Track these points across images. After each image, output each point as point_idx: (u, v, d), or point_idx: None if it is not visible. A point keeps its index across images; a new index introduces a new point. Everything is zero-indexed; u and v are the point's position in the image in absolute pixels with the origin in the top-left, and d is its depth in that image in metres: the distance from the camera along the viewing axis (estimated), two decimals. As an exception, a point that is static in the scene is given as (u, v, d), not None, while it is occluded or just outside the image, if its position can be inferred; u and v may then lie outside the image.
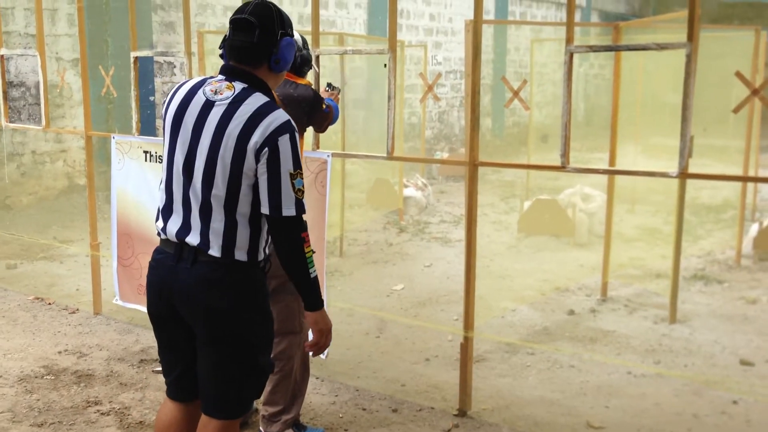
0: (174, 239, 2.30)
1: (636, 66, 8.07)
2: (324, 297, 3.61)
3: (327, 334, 2.37)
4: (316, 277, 2.28)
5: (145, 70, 8.79)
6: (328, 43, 9.82)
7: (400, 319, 4.93)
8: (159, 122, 9.48)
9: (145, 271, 4.41)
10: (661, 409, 3.66)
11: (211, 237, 2.24)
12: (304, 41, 3.26)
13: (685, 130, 3.08)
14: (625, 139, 7.08)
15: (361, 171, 9.90)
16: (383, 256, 6.69)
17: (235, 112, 2.19)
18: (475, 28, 3.47)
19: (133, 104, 4.55)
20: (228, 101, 2.22)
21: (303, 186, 2.22)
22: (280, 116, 2.20)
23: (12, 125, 5.63)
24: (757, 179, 5.62)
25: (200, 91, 2.27)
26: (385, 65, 3.58)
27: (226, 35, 2.32)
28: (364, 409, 3.64)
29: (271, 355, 2.47)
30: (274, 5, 2.30)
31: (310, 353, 2.44)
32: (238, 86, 2.25)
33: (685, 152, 3.12)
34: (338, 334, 4.57)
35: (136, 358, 4.17)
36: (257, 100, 2.22)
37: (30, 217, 7.80)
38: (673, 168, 3.14)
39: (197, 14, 9.60)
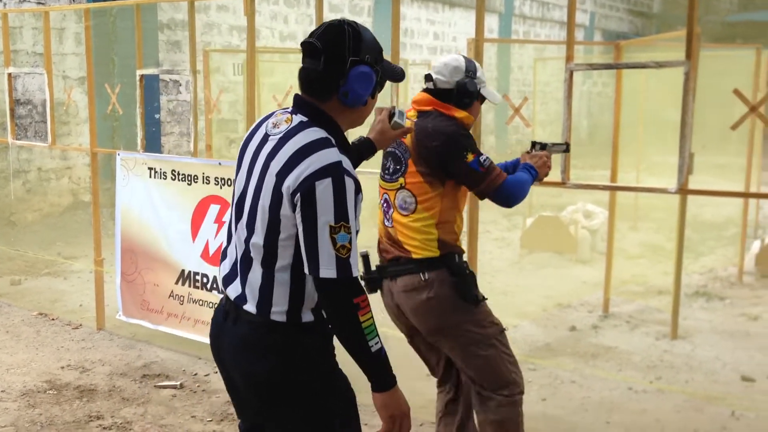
0: (223, 289, 2.07)
1: (638, 84, 8.12)
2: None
3: (402, 421, 1.94)
4: (380, 350, 1.89)
5: (151, 88, 8.89)
6: (332, 62, 9.92)
7: (401, 335, 4.93)
8: (164, 139, 9.56)
9: (149, 286, 4.48)
10: (661, 425, 3.66)
11: (248, 290, 1.97)
12: (471, 68, 2.74)
13: (684, 147, 3.11)
14: (628, 157, 7.11)
15: (364, 188, 9.93)
16: (386, 272, 6.70)
17: (280, 149, 1.90)
18: (476, 46, 3.51)
19: (138, 121, 4.61)
20: (279, 136, 1.94)
21: (349, 242, 1.83)
22: (325, 156, 1.84)
23: (18, 142, 5.70)
24: (755, 195, 5.67)
25: (264, 125, 2.03)
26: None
27: None
28: (365, 424, 3.62)
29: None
30: (353, 27, 1.95)
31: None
32: (296, 119, 1.95)
33: (684, 169, 3.15)
34: (338, 348, 4.59)
35: (139, 373, 4.19)
36: (307, 136, 1.89)
37: (35, 234, 7.85)
38: (673, 184, 3.17)
39: (203, 33, 9.71)
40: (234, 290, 2.01)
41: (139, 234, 4.51)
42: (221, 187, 4.15)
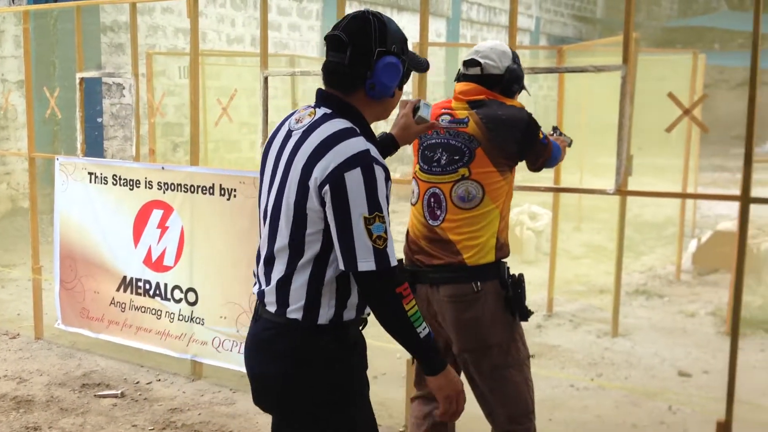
0: (254, 291, 2.03)
1: (581, 88, 8.28)
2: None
3: (456, 399, 1.97)
4: (428, 334, 1.86)
5: (92, 91, 8.71)
6: (280, 65, 9.86)
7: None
8: (107, 144, 9.38)
9: (89, 294, 4.39)
10: (601, 421, 3.75)
11: (270, 289, 1.92)
12: (515, 55, 2.71)
13: (621, 149, 3.19)
14: (572, 159, 7.23)
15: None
16: (334, 276, 6.69)
17: (304, 142, 1.85)
18: (421, 51, 3.55)
19: (78, 125, 4.52)
20: (303, 129, 1.88)
21: (385, 232, 1.81)
22: (353, 145, 1.79)
23: (-48, 147, 5.53)
24: (691, 195, 5.85)
25: (287, 122, 1.97)
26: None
27: None
28: None
29: None
30: (378, 18, 1.91)
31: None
32: (320, 112, 1.91)
33: (622, 170, 3.23)
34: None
35: (78, 383, 4.09)
36: (332, 126, 1.84)
37: (-28, 241, 7.61)
38: (612, 186, 3.25)
39: (148, 36, 9.56)
40: (257, 287, 1.99)
41: (78, 240, 4.42)
42: (164, 192, 4.09)
